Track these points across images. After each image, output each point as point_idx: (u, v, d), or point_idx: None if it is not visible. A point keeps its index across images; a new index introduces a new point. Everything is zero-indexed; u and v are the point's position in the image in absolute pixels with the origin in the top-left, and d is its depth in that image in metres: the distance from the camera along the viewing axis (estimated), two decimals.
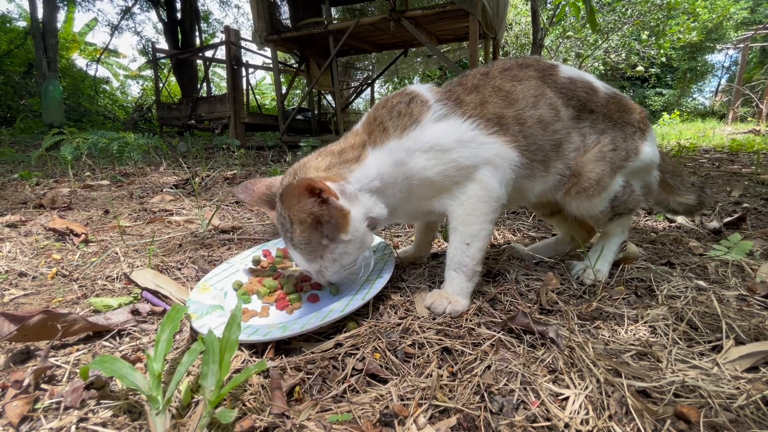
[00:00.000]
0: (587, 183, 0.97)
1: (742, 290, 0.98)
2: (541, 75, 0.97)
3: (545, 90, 0.95)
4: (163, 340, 0.60)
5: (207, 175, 3.08)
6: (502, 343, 0.75)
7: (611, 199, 1.00)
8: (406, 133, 0.88)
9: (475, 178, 0.90)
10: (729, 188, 2.42)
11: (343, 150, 0.91)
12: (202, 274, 1.13)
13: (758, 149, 4.37)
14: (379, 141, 0.90)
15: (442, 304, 0.87)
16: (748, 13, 14.72)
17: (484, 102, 0.92)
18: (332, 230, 0.82)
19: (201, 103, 6.52)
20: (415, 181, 0.90)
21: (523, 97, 0.94)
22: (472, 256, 0.91)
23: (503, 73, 0.96)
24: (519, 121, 0.93)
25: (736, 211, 1.87)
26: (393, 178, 0.89)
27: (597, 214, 1.01)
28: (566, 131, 0.96)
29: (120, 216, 1.81)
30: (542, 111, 0.94)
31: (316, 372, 0.66)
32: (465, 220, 0.91)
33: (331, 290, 0.92)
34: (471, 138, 0.89)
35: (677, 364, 0.67)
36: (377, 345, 0.74)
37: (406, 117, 0.89)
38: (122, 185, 2.68)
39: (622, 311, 0.87)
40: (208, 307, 0.84)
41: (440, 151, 0.88)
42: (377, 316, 0.87)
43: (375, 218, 0.88)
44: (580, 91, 0.98)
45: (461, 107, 0.91)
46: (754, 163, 3.32)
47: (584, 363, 0.67)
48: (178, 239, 1.47)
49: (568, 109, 0.96)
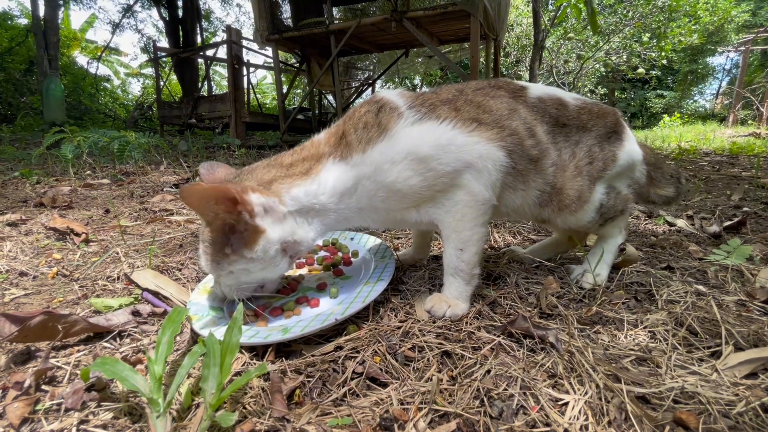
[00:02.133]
0: (568, 200, 0.97)
1: (742, 295, 0.98)
2: (512, 95, 0.95)
3: (518, 106, 0.93)
4: (164, 343, 0.60)
5: None
6: (502, 348, 0.76)
7: (597, 208, 0.99)
8: (372, 145, 0.83)
9: (459, 183, 0.85)
10: (729, 192, 2.42)
11: (293, 164, 0.86)
12: (202, 275, 1.13)
13: (758, 152, 4.38)
14: (341, 155, 0.85)
15: (442, 308, 0.87)
16: (749, 16, 14.73)
17: (459, 109, 0.89)
18: (238, 242, 0.77)
19: (202, 102, 6.52)
20: (381, 194, 0.85)
21: (497, 108, 0.91)
22: (467, 261, 0.90)
23: (476, 91, 0.94)
24: (498, 125, 0.89)
25: (736, 215, 1.87)
26: (351, 193, 0.84)
27: (586, 224, 1.01)
28: (544, 146, 0.94)
29: (120, 215, 1.82)
30: (517, 124, 0.91)
31: (316, 375, 0.67)
32: (455, 227, 0.89)
33: (331, 293, 0.92)
34: (450, 140, 0.83)
35: (677, 370, 0.67)
36: (377, 348, 0.75)
37: (374, 128, 0.84)
38: (123, 184, 2.68)
39: (622, 316, 0.87)
40: (209, 308, 0.84)
41: (416, 160, 0.82)
42: (377, 319, 0.87)
43: (296, 242, 0.82)
44: (551, 108, 0.97)
45: (435, 111, 0.87)
46: (754, 166, 3.32)
47: (584, 368, 0.68)
48: (178, 239, 1.47)
49: (543, 125, 0.95)
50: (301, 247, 0.84)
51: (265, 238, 0.77)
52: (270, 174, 0.84)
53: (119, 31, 13.15)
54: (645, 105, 17.08)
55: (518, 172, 0.92)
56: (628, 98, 17.18)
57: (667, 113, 14.93)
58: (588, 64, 11.74)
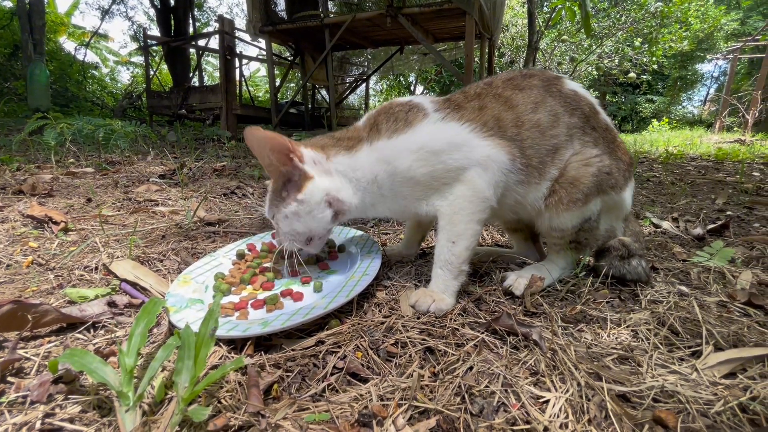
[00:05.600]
0: (578, 195, 0.95)
1: (723, 297, 0.99)
2: (545, 84, 0.98)
3: (546, 97, 0.96)
4: (138, 334, 0.58)
5: (196, 166, 3.03)
6: (486, 344, 0.75)
7: (585, 218, 0.98)
8: (397, 134, 0.92)
9: (464, 179, 0.90)
10: (714, 196, 2.46)
11: (341, 138, 0.98)
12: (184, 266, 1.11)
13: (743, 158, 4.46)
14: (373, 140, 0.94)
15: (426, 302, 0.86)
16: (738, 25, 15.00)
17: (483, 107, 0.94)
18: (293, 188, 0.91)
19: (192, 93, 6.41)
20: (398, 179, 0.92)
21: (523, 102, 0.95)
22: (458, 255, 0.91)
23: (506, 82, 0.98)
24: (517, 124, 0.94)
25: (719, 219, 1.90)
26: (374, 174, 0.93)
27: (568, 228, 0.98)
28: (566, 137, 0.95)
29: (103, 205, 1.77)
30: (541, 116, 0.94)
31: (295, 370, 0.65)
32: (452, 218, 0.92)
33: (314, 286, 0.91)
34: (464, 141, 0.90)
35: (657, 369, 0.68)
36: (360, 343, 0.73)
37: (401, 122, 0.93)
38: (107, 173, 2.62)
39: (605, 315, 0.88)
40: (188, 300, 0.82)
41: (429, 152, 0.89)
42: (361, 313, 0.86)
43: (339, 200, 0.92)
44: (584, 106, 0.99)
45: (459, 111, 0.94)
46: (738, 171, 3.38)
47: (566, 366, 0.67)
48: (161, 230, 1.44)
49: (572, 118, 0.96)
50: (344, 206, 0.94)
51: (313, 183, 0.90)
52: (322, 141, 0.99)
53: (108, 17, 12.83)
54: (635, 109, 17.30)
55: (533, 167, 0.95)
56: (619, 102, 17.38)
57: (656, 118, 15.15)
58: (581, 67, 11.83)
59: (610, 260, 1.01)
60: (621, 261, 1.00)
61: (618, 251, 0.99)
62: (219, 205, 1.93)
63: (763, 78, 10.40)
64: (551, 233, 1.02)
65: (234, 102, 6.08)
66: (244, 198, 2.16)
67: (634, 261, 0.99)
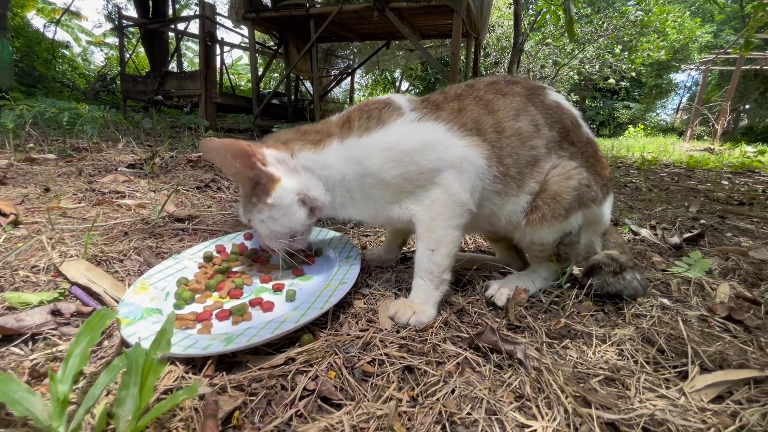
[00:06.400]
0: (560, 210, 0.91)
1: (704, 310, 0.99)
2: (528, 93, 0.94)
3: (528, 106, 0.92)
4: (76, 355, 0.50)
5: (169, 155, 2.88)
6: (468, 363, 0.71)
7: (566, 233, 0.95)
8: (368, 132, 0.88)
9: (439, 181, 0.86)
10: (687, 203, 2.52)
11: (307, 131, 0.94)
12: (146, 267, 1.02)
13: (712, 167, 4.62)
14: (344, 137, 0.90)
15: (406, 314, 0.81)
16: (711, 37, 15.57)
17: (463, 109, 0.90)
18: (261, 192, 0.87)
19: (170, 78, 6.15)
20: (368, 180, 0.88)
21: (504, 108, 0.91)
22: (438, 263, 0.86)
23: (489, 86, 0.94)
24: (497, 130, 0.89)
25: (694, 227, 1.93)
26: (342, 174, 0.89)
27: (549, 242, 0.95)
28: (546, 150, 0.92)
29: (62, 195, 1.64)
30: (522, 124, 0.90)
31: (261, 393, 0.59)
32: (429, 225, 0.87)
33: (287, 295, 0.84)
34: (439, 140, 0.86)
35: (645, 393, 0.65)
36: (333, 361, 0.68)
37: (374, 120, 0.88)
38: (72, 161, 2.46)
39: (590, 330, 0.85)
40: (144, 310, 0.74)
41: (401, 151, 0.85)
42: (336, 326, 0.80)
43: (312, 198, 0.90)
44: (566, 119, 0.96)
45: (437, 112, 0.90)
46: (708, 180, 3.49)
47: (552, 388, 0.64)
48: (125, 226, 1.34)
49: (552, 132, 0.93)
50: (318, 203, 0.91)
51: (281, 186, 0.87)
52: (286, 136, 0.94)
53: None
54: (612, 115, 17.75)
55: (510, 177, 0.90)
56: (598, 107, 17.79)
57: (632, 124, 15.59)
58: (563, 71, 12.02)
59: (602, 278, 0.96)
60: (614, 277, 0.96)
61: (609, 266, 0.96)
62: (191, 199, 1.83)
63: (732, 90, 10.84)
64: (532, 247, 0.99)
65: (214, 90, 5.86)
66: (219, 192, 2.06)
67: (628, 275, 0.96)
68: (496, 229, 1.01)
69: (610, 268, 0.95)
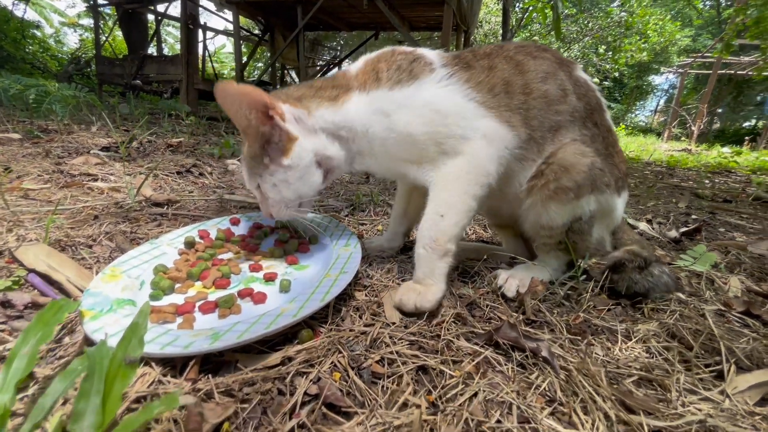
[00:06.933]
0: (569, 183, 0.84)
1: (719, 305, 0.94)
2: (557, 61, 0.90)
3: (558, 71, 0.87)
4: (22, 356, 0.40)
5: (147, 140, 2.71)
6: (488, 362, 0.63)
7: (576, 217, 0.87)
8: (399, 85, 0.82)
9: (464, 149, 0.81)
10: (674, 200, 2.53)
11: (322, 87, 0.86)
12: (119, 254, 0.90)
13: (692, 166, 4.74)
14: (368, 88, 0.83)
15: (410, 298, 0.74)
16: (690, 41, 15.99)
17: (493, 67, 0.84)
18: (275, 151, 0.80)
19: (149, 62, 5.86)
20: (394, 135, 0.82)
21: (534, 69, 0.86)
22: (444, 230, 0.79)
23: (519, 47, 0.89)
24: (525, 91, 0.84)
25: (688, 222, 1.92)
26: (366, 127, 0.83)
27: (558, 225, 0.87)
28: (570, 118, 0.87)
29: (25, 176, 1.49)
30: (550, 87, 0.85)
31: (255, 399, 0.49)
32: (444, 186, 0.81)
33: (281, 285, 0.75)
34: (471, 110, 0.81)
35: (687, 395, 0.58)
36: (337, 361, 0.59)
37: (405, 72, 0.82)
38: (39, 142, 2.27)
39: (611, 325, 0.78)
40: (113, 301, 0.62)
41: (434, 110, 0.80)
42: (338, 320, 0.71)
43: (329, 157, 0.84)
44: (592, 98, 0.91)
45: (468, 71, 0.84)
46: (690, 178, 3.56)
47: (585, 390, 0.56)
48: (95, 209, 1.21)
49: (579, 102, 0.88)
50: (334, 164, 0.85)
51: (299, 145, 0.80)
52: (299, 92, 0.86)
53: None
54: None
55: (534, 141, 0.85)
56: None
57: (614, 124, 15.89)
58: None
59: (627, 275, 0.88)
60: (641, 273, 0.88)
61: (632, 262, 0.88)
62: (171, 184, 1.69)
63: (709, 93, 11.14)
64: (540, 232, 0.91)
65: (196, 76, 5.62)
66: (201, 177, 1.93)
67: (655, 269, 0.89)
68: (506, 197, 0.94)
69: (634, 264, 0.88)
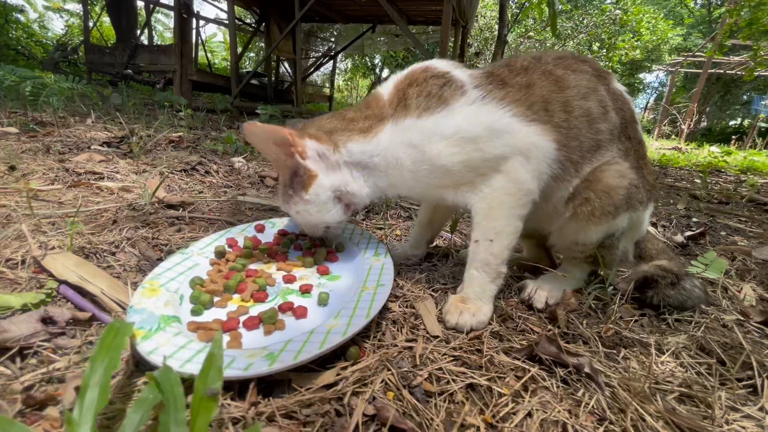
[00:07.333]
0: (610, 206, 0.84)
1: (738, 314, 0.96)
2: (597, 74, 0.88)
3: (598, 86, 0.86)
4: (94, 386, 0.39)
5: (147, 135, 2.66)
6: (533, 379, 0.64)
7: (610, 233, 0.88)
8: (428, 113, 0.80)
9: (503, 169, 0.79)
10: (672, 201, 2.57)
11: (354, 119, 0.87)
12: (144, 262, 0.89)
13: (683, 165, 4.81)
14: (396, 117, 0.83)
15: (465, 320, 0.75)
16: (681, 40, 16.16)
17: (531, 84, 0.82)
18: (298, 185, 0.84)
19: (141, 52, 5.72)
20: (425, 167, 0.81)
21: (575, 85, 0.84)
22: (496, 254, 0.80)
23: (557, 60, 0.87)
24: (566, 109, 0.82)
25: (690, 225, 1.96)
26: (396, 158, 0.83)
27: (592, 242, 0.89)
28: (609, 136, 0.86)
29: (31, 175, 1.45)
30: (592, 104, 0.84)
31: (317, 422, 0.49)
32: (489, 214, 0.80)
33: (320, 298, 0.74)
34: (506, 126, 0.78)
35: (730, 413, 0.60)
36: (388, 378, 0.59)
37: (434, 98, 0.81)
38: (36, 136, 2.21)
39: (642, 337, 0.80)
40: (159, 318, 0.61)
41: (465, 138, 0.78)
42: (379, 335, 0.71)
43: (349, 194, 0.86)
44: (627, 111, 0.90)
45: (503, 89, 0.82)
46: (683, 178, 3.62)
47: (632, 407, 0.58)
48: (111, 212, 1.18)
49: (617, 117, 0.87)
50: (356, 199, 0.87)
51: (318, 183, 0.83)
52: (331, 124, 0.87)
53: None
54: None
55: (572, 162, 0.84)
56: None
57: None
58: None
59: (661, 291, 0.90)
60: (674, 289, 0.90)
61: (665, 279, 0.90)
62: (179, 183, 1.66)
63: (699, 92, 11.31)
64: (573, 247, 0.93)
65: (190, 66, 5.50)
66: (208, 176, 1.90)
67: (687, 284, 0.91)
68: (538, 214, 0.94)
69: (666, 281, 0.90)
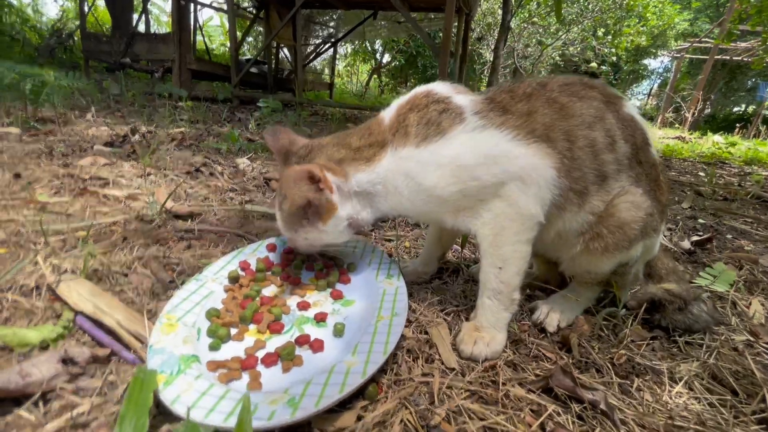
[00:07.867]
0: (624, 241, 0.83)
1: (747, 334, 0.97)
2: (605, 100, 0.84)
3: (606, 114, 0.83)
4: None
5: (149, 131, 2.63)
6: (549, 415, 0.64)
7: (623, 263, 0.88)
8: (426, 143, 0.80)
9: (502, 194, 0.78)
10: (677, 198, 2.56)
11: (360, 148, 0.86)
12: (158, 286, 0.89)
13: (687, 156, 4.77)
14: (396, 144, 0.83)
15: (480, 350, 0.75)
16: (688, 25, 15.86)
17: (533, 112, 0.79)
18: (314, 215, 0.84)
19: (139, 40, 5.61)
20: (422, 196, 0.82)
21: (581, 113, 0.81)
22: (507, 282, 0.80)
23: (563, 86, 0.83)
24: (569, 138, 0.80)
25: (696, 228, 1.95)
26: (395, 185, 0.84)
27: (604, 272, 0.89)
28: (616, 167, 0.83)
29: (37, 184, 1.44)
30: (597, 134, 0.81)
31: None
32: (494, 241, 0.80)
33: (335, 330, 0.74)
34: (503, 151, 0.77)
35: None
36: (407, 419, 0.60)
37: (433, 127, 0.80)
38: (37, 134, 2.18)
39: (654, 364, 0.81)
40: (179, 359, 0.62)
41: (460, 166, 0.77)
42: (395, 367, 0.71)
43: (358, 221, 0.88)
44: (639, 135, 0.87)
45: (503, 116, 0.80)
46: (687, 171, 3.59)
47: None
48: (119, 226, 1.17)
49: (627, 145, 0.84)
50: (362, 224, 0.90)
51: (337, 215, 0.84)
52: (340, 154, 0.87)
53: None
54: None
55: (573, 192, 0.81)
56: None
57: None
58: (547, 51, 11.94)
59: (669, 315, 0.91)
60: (682, 314, 0.91)
61: (673, 304, 0.90)
62: (185, 188, 1.65)
63: (704, 80, 11.15)
64: (584, 275, 0.94)
65: (189, 55, 5.41)
66: (213, 178, 1.88)
67: (695, 308, 0.92)
68: (545, 245, 0.94)
69: (674, 306, 0.91)
